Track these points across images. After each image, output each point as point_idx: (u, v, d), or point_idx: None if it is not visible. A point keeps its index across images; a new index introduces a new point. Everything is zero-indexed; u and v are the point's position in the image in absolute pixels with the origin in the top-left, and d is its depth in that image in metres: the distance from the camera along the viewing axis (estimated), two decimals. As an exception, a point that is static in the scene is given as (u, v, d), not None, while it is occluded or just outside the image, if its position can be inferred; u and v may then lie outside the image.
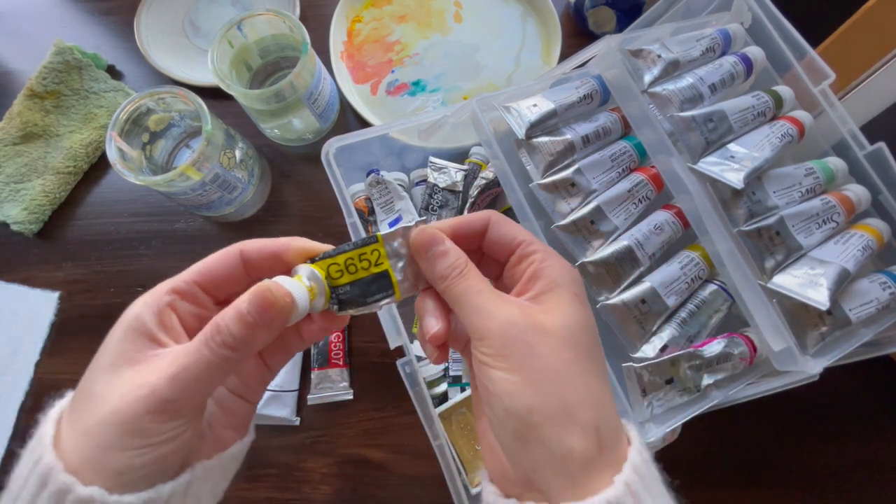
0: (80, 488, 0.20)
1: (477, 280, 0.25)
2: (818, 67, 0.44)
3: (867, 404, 0.54)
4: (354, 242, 0.25)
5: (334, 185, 0.48)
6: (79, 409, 0.22)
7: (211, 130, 0.51)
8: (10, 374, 0.58)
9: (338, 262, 0.25)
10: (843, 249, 0.41)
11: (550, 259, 0.26)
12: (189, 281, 0.25)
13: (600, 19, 0.64)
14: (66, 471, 0.21)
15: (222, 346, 0.22)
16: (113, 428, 0.21)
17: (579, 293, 0.26)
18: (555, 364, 0.23)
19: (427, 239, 0.26)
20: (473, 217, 0.28)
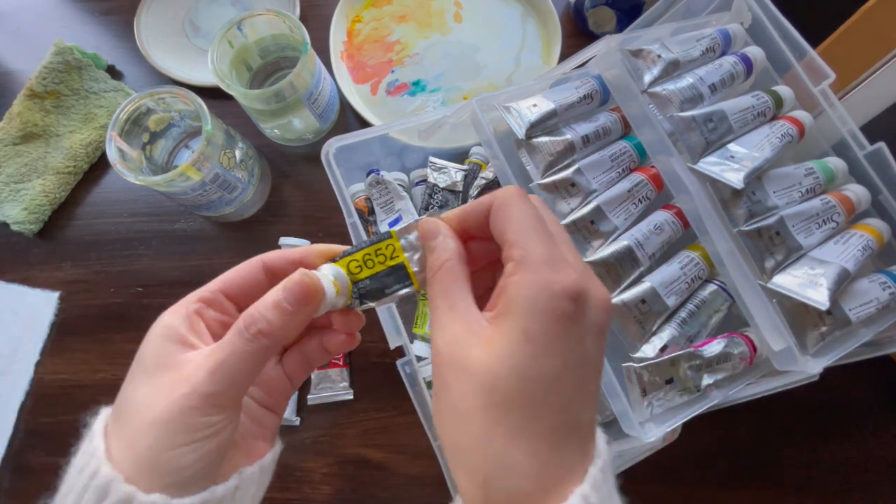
0: (142, 496, 0.21)
1: (439, 290, 0.24)
2: (818, 67, 0.44)
3: (867, 404, 0.54)
4: (370, 240, 0.27)
5: (334, 185, 0.48)
6: (122, 418, 0.23)
7: (211, 130, 0.51)
8: (10, 374, 0.58)
9: (356, 258, 0.26)
10: (842, 249, 0.41)
11: (520, 273, 0.21)
12: (214, 290, 0.26)
13: (600, 19, 0.64)
14: (125, 481, 0.21)
15: (258, 335, 0.23)
16: (160, 429, 0.22)
17: (534, 330, 0.20)
18: (460, 405, 0.21)
19: (426, 230, 0.25)
20: (480, 201, 0.25)
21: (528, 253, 0.22)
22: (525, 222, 0.23)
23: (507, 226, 0.23)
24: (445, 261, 0.24)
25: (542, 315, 0.21)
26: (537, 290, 0.21)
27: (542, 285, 0.21)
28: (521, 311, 0.21)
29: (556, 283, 0.21)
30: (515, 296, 0.21)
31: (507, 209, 0.23)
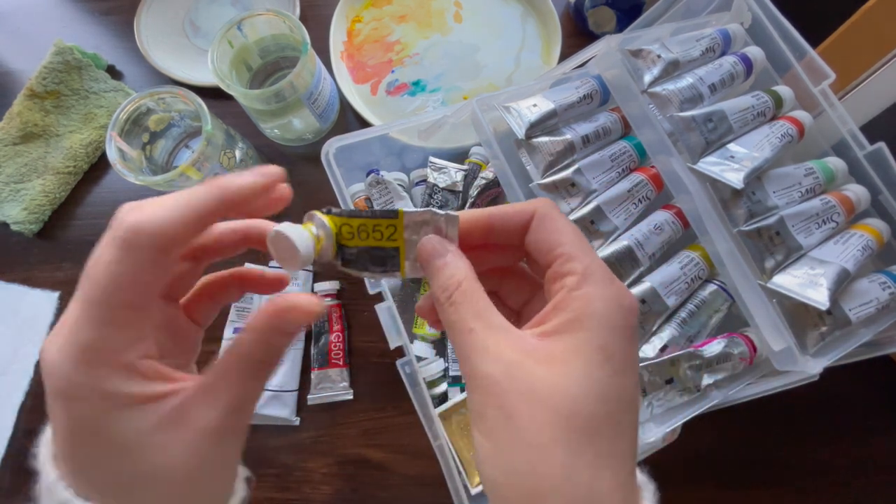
0: None
1: (468, 311, 0.21)
2: (818, 67, 0.44)
3: (867, 404, 0.54)
4: (373, 211, 0.24)
5: (334, 185, 0.48)
6: None
7: (211, 130, 0.51)
8: (10, 374, 0.58)
9: (351, 224, 0.24)
10: (842, 249, 0.41)
11: (588, 286, 0.20)
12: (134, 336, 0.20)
13: (600, 19, 0.64)
14: None
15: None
16: None
17: (612, 347, 0.19)
18: (535, 438, 0.18)
19: (429, 251, 0.23)
20: (514, 209, 0.23)
21: (591, 267, 0.21)
22: (577, 236, 0.22)
23: (560, 238, 0.22)
24: (463, 280, 0.22)
25: (619, 331, 0.20)
26: (612, 306, 0.20)
27: (615, 300, 0.20)
28: (597, 326, 0.19)
29: (625, 298, 0.20)
30: (588, 311, 0.20)
31: (554, 221, 0.22)
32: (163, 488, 0.19)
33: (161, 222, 0.19)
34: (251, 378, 0.21)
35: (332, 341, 0.55)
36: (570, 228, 0.22)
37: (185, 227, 0.19)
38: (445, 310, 0.21)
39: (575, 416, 0.18)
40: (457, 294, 0.21)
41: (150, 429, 0.19)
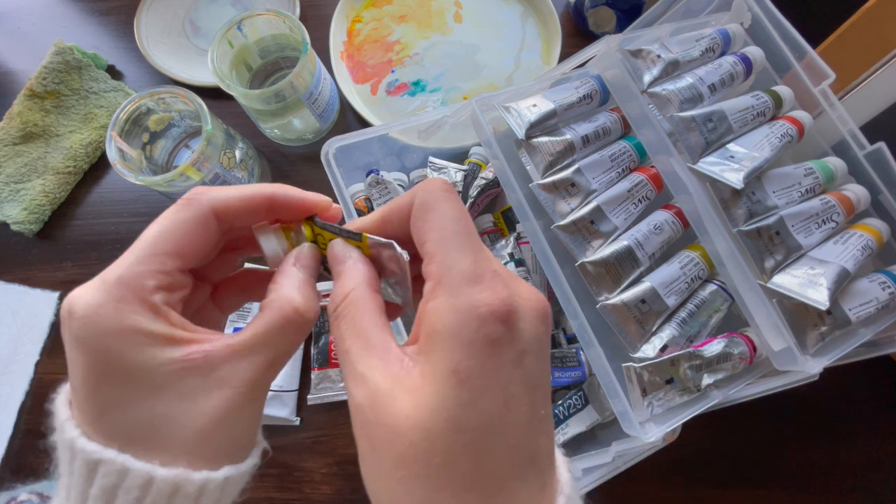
0: None
1: (347, 329, 0.19)
2: (818, 67, 0.44)
3: (867, 404, 0.54)
4: (339, 229, 0.23)
5: (334, 185, 0.48)
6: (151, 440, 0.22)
7: (211, 130, 0.51)
8: (10, 374, 0.58)
9: (324, 235, 0.24)
10: (842, 249, 0.41)
11: (439, 296, 0.18)
12: (169, 271, 0.20)
13: (600, 19, 0.64)
14: None
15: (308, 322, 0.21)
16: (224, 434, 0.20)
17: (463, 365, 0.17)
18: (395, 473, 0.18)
19: (335, 255, 0.22)
20: (397, 203, 0.21)
21: (448, 269, 0.18)
22: (448, 228, 0.19)
23: (426, 234, 0.19)
24: (351, 290, 0.20)
25: (470, 348, 0.17)
26: (461, 318, 0.17)
27: (466, 311, 0.17)
28: (446, 346, 0.17)
29: (481, 306, 0.17)
30: (437, 327, 0.18)
31: (427, 211, 0.20)
32: (181, 433, 0.19)
33: (219, 191, 0.21)
34: (294, 333, 0.21)
35: (332, 341, 0.55)
36: (442, 220, 0.19)
37: (238, 202, 0.21)
38: (331, 324, 0.21)
39: (432, 453, 0.17)
40: (342, 307, 0.20)
41: (175, 372, 0.19)
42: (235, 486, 0.21)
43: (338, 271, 0.21)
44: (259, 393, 0.21)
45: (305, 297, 0.21)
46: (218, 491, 0.20)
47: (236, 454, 0.21)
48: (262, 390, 0.21)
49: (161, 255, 0.20)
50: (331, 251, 0.22)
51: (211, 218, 0.21)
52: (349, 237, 0.23)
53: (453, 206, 0.20)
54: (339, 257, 0.22)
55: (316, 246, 0.24)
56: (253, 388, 0.20)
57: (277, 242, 0.23)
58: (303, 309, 0.21)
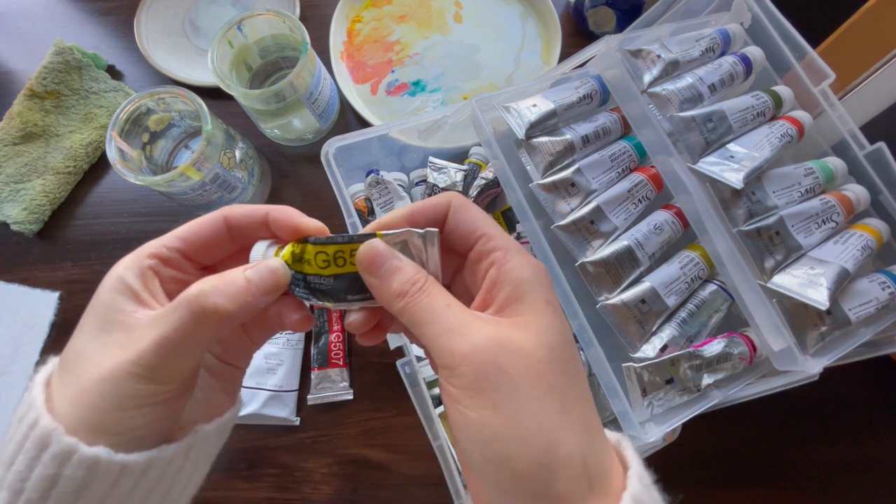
0: (85, 448, 0.20)
1: (441, 294, 0.23)
2: (818, 67, 0.44)
3: (867, 404, 0.54)
4: (350, 235, 0.24)
5: (334, 185, 0.48)
6: (70, 369, 0.22)
7: (211, 130, 0.51)
8: (10, 374, 0.58)
9: (327, 251, 0.24)
10: (842, 249, 0.41)
11: (513, 258, 0.23)
12: (171, 248, 0.24)
13: (600, 19, 0.64)
14: (67, 433, 0.21)
15: (209, 315, 0.21)
16: (107, 389, 0.21)
17: (550, 298, 0.23)
18: (537, 393, 0.20)
19: (375, 254, 0.23)
20: (431, 203, 0.25)
21: (509, 242, 0.24)
22: (490, 220, 0.25)
23: (477, 223, 0.24)
24: (426, 275, 0.23)
25: (548, 285, 0.23)
26: (534, 269, 0.23)
27: (536, 265, 0.23)
28: (536, 286, 0.22)
29: (540, 264, 0.24)
30: (525, 278, 0.22)
31: (469, 209, 0.25)
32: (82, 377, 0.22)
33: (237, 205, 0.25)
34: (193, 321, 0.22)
35: (332, 341, 0.55)
36: (483, 214, 0.25)
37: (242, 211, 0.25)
38: (417, 299, 0.22)
39: (556, 361, 0.21)
40: (426, 284, 0.23)
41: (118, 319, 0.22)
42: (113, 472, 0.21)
43: (393, 266, 0.23)
44: (151, 372, 0.21)
45: (220, 292, 0.22)
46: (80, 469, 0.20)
47: (120, 432, 0.21)
48: (154, 370, 0.21)
49: (170, 237, 0.24)
50: (369, 251, 0.23)
51: (221, 221, 0.25)
52: (361, 241, 0.23)
53: (479, 207, 0.25)
54: (385, 254, 0.23)
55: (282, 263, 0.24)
56: (140, 364, 0.21)
57: (263, 253, 0.24)
58: (208, 303, 0.21)
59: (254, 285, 0.22)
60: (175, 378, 0.22)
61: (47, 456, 0.20)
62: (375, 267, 0.23)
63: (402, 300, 0.23)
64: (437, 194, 0.25)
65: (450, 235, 0.25)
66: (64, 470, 0.20)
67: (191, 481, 0.25)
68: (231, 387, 0.28)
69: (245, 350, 0.28)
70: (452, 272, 0.27)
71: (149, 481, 0.22)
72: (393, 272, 0.23)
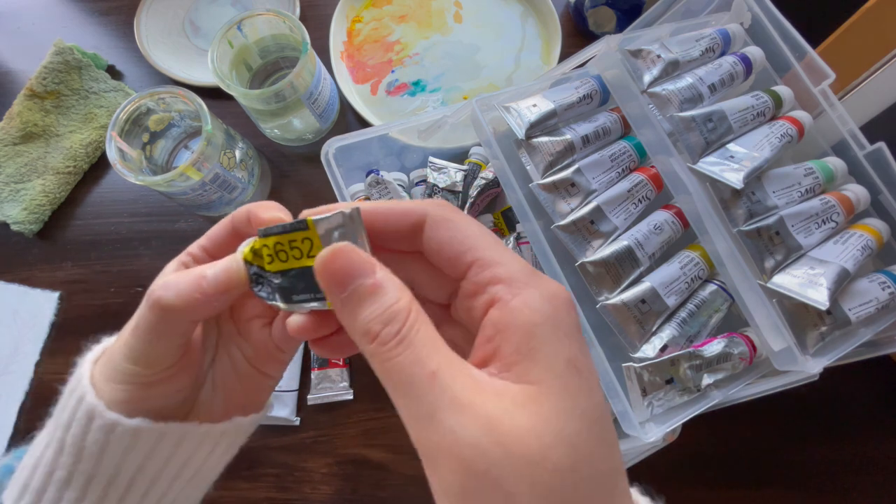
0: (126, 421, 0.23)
1: (425, 348, 0.16)
2: (818, 67, 0.44)
3: (867, 404, 0.54)
4: (283, 225, 0.20)
5: (334, 185, 0.48)
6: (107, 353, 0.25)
7: (211, 130, 0.51)
8: (10, 374, 0.58)
9: (268, 244, 0.20)
10: (842, 249, 0.41)
11: (520, 292, 0.16)
12: (201, 246, 0.25)
13: (600, 19, 0.64)
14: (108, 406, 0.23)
15: (156, 306, 0.22)
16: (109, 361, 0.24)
17: (574, 354, 0.16)
18: None
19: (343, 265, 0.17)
20: (401, 210, 0.19)
21: (513, 268, 0.17)
22: (486, 236, 0.18)
23: (468, 243, 0.18)
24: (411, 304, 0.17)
25: (576, 332, 0.16)
26: (554, 307, 0.16)
27: (553, 298, 0.17)
28: (556, 336, 0.16)
29: (560, 293, 0.17)
30: (535, 322, 0.16)
31: (455, 225, 0.19)
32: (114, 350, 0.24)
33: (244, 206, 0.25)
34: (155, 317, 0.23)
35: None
36: (475, 230, 0.18)
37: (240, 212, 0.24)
38: (389, 351, 0.16)
39: (580, 465, 0.15)
40: (407, 326, 0.16)
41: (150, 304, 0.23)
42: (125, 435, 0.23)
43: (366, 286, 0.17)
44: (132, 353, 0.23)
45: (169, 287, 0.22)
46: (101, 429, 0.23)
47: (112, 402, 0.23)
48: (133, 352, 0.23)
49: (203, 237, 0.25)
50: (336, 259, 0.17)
51: (229, 221, 0.25)
52: (296, 229, 0.19)
53: (471, 219, 0.19)
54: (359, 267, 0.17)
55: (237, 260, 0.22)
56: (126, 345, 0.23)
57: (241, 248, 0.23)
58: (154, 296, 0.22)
59: (206, 282, 0.21)
60: (153, 363, 0.23)
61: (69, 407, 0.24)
62: (337, 286, 0.17)
63: (369, 345, 0.17)
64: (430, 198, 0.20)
65: (432, 254, 0.19)
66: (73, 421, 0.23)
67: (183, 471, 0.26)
68: (254, 392, 0.27)
69: (273, 357, 0.26)
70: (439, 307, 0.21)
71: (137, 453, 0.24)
72: (365, 297, 0.17)
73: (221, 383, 0.27)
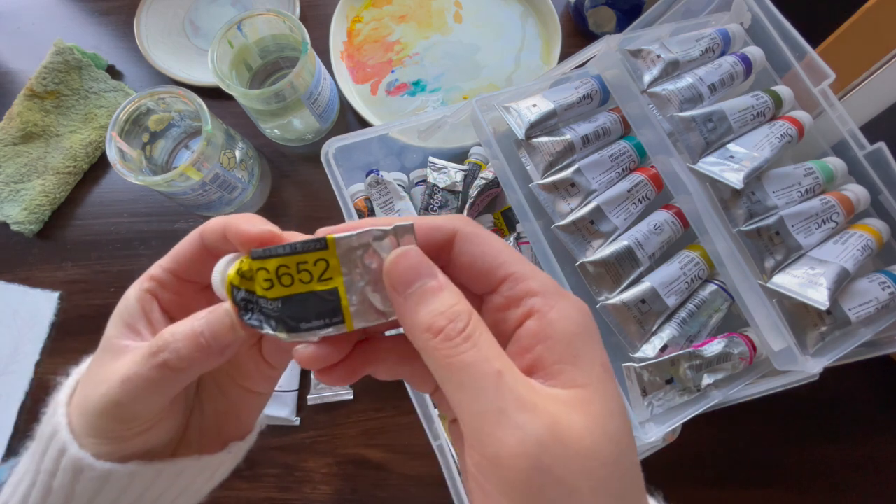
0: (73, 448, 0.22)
1: (491, 348, 0.17)
2: (818, 67, 0.44)
3: (867, 404, 0.54)
4: (293, 245, 0.18)
5: (334, 185, 0.48)
6: (83, 382, 0.24)
7: (211, 130, 0.51)
8: (10, 374, 0.58)
9: (267, 267, 0.18)
10: (842, 249, 0.41)
11: (556, 304, 0.18)
12: (165, 268, 0.23)
13: (600, 19, 0.64)
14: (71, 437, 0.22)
15: (164, 367, 0.20)
16: (86, 416, 0.22)
17: (605, 359, 0.18)
18: None
19: (407, 267, 0.18)
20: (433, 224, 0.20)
21: (546, 283, 0.19)
22: (515, 252, 0.20)
23: (500, 258, 0.19)
24: (464, 311, 0.18)
25: (600, 340, 0.18)
26: (585, 317, 0.18)
27: (582, 309, 0.18)
28: (590, 346, 0.18)
29: (585, 306, 0.19)
30: (575, 332, 0.18)
31: (485, 238, 0.20)
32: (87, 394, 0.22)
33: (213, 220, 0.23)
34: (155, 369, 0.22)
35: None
36: (503, 245, 0.20)
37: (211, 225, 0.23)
38: (456, 348, 0.17)
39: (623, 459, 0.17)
40: (471, 326, 0.17)
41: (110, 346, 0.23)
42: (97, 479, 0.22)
43: (430, 287, 0.18)
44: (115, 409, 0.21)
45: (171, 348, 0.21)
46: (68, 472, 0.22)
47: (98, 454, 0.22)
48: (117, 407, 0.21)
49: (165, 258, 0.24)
50: (401, 263, 0.18)
51: (197, 237, 0.23)
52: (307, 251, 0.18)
53: (496, 235, 0.20)
54: (423, 269, 0.18)
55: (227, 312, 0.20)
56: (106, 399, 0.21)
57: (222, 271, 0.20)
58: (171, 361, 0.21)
59: (203, 339, 0.20)
60: (140, 418, 0.22)
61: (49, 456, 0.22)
62: (402, 284, 0.18)
63: (431, 340, 0.17)
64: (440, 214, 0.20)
65: (461, 269, 0.20)
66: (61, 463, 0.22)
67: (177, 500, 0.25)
68: (244, 412, 0.26)
69: (261, 375, 0.25)
70: None
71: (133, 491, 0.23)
72: (428, 295, 0.18)
73: (211, 408, 0.26)
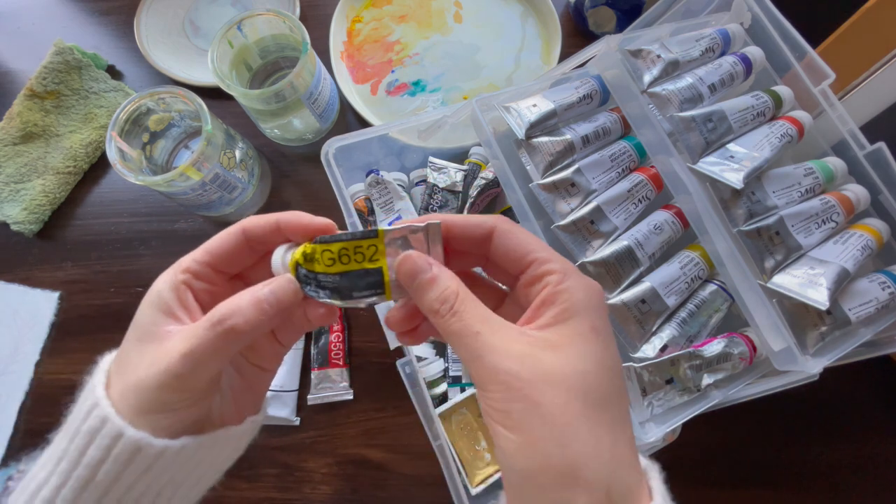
0: (131, 431, 0.23)
1: (471, 317, 0.23)
2: (818, 67, 0.44)
3: (867, 404, 0.54)
4: (352, 233, 0.24)
5: (334, 185, 0.48)
6: (119, 371, 0.25)
7: (211, 130, 0.51)
8: (10, 374, 0.58)
9: (331, 249, 0.24)
10: (842, 249, 0.41)
11: (568, 280, 0.23)
12: (200, 261, 0.26)
13: (600, 19, 0.64)
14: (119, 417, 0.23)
15: (230, 332, 0.23)
16: (141, 394, 0.23)
17: (599, 325, 0.23)
18: (561, 419, 0.20)
19: (411, 267, 0.24)
20: (475, 223, 0.25)
21: (566, 266, 0.24)
22: (541, 242, 0.25)
23: (529, 247, 0.24)
24: (459, 289, 0.23)
25: (601, 312, 0.23)
26: (591, 292, 0.23)
27: (591, 288, 0.23)
28: (586, 311, 0.23)
29: (596, 285, 0.24)
30: (576, 301, 0.23)
31: (518, 233, 0.25)
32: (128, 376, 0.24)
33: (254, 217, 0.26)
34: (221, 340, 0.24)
35: (332, 341, 0.55)
36: (532, 237, 0.25)
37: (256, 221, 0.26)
38: (447, 320, 0.23)
39: (590, 390, 0.21)
40: (457, 303, 0.23)
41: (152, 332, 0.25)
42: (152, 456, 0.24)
43: (427, 279, 0.24)
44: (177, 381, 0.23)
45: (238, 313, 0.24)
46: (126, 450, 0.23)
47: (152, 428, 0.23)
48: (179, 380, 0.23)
49: (200, 251, 0.26)
50: (406, 263, 0.24)
51: (239, 232, 0.26)
52: (364, 238, 0.24)
53: (528, 231, 0.25)
54: (421, 266, 0.24)
55: (289, 279, 0.25)
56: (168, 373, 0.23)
57: (282, 257, 0.25)
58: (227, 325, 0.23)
59: (266, 304, 0.24)
60: (197, 388, 0.24)
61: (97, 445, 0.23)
62: (410, 279, 0.24)
63: (434, 318, 0.23)
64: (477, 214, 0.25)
65: (498, 258, 0.25)
66: (113, 450, 0.23)
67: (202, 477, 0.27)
68: (257, 388, 0.29)
69: (274, 352, 0.29)
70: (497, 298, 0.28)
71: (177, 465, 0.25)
72: (426, 286, 0.24)
73: (228, 385, 0.28)
